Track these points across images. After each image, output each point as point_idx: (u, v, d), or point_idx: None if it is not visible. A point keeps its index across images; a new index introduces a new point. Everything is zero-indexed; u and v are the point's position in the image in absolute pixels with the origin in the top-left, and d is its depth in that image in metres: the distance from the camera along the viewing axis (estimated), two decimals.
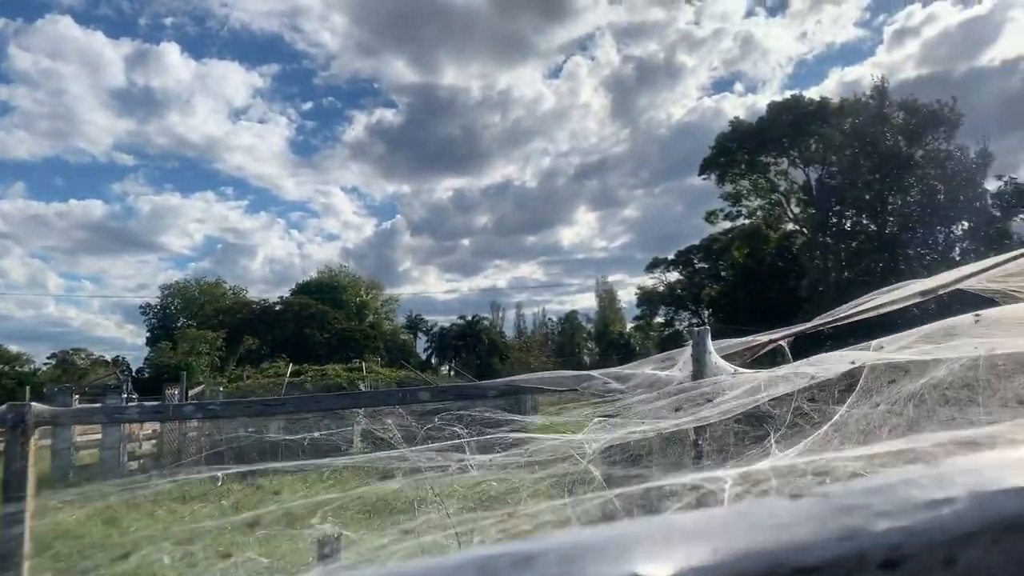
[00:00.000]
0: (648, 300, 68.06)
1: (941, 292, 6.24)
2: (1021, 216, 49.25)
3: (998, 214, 46.41)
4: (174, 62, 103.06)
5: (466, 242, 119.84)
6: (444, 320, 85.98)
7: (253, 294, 74.99)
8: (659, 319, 68.97)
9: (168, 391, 22.19)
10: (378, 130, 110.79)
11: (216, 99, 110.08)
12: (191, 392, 25.56)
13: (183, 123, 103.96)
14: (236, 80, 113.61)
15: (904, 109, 44.55)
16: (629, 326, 76.07)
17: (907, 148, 43.66)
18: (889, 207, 44.86)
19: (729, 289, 57.97)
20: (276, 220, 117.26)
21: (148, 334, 67.17)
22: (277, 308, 66.14)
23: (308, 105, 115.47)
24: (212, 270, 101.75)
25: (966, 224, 44.53)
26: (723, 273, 61.50)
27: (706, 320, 59.88)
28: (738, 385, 3.19)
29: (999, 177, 48.56)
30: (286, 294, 72.21)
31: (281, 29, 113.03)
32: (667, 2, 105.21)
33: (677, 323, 65.69)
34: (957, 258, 39.88)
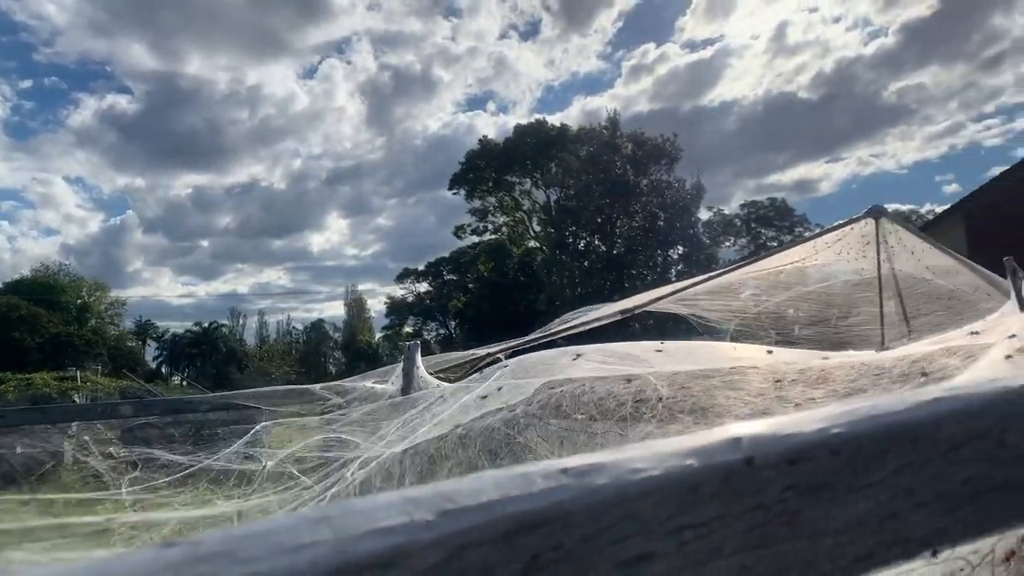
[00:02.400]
0: (397, 310, 68.49)
1: (638, 311, 6.89)
2: (727, 244, 56.04)
3: (708, 241, 52.39)
4: None
5: (205, 243, 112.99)
6: (178, 326, 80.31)
7: None
8: (408, 329, 69.56)
9: None
10: (110, 117, 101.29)
11: None
12: None
13: None
14: None
15: (633, 141, 48.87)
16: (378, 335, 75.86)
17: (634, 177, 47.91)
18: (617, 230, 48.90)
19: (475, 301, 59.81)
20: None
21: None
22: None
23: (27, 83, 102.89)
24: None
25: (681, 249, 49.70)
26: (470, 285, 63.35)
27: (452, 331, 61.33)
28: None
29: (710, 208, 54.97)
30: None
31: None
32: (425, 15, 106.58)
33: (425, 333, 66.67)
34: (672, 279, 44.30)
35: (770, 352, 1.93)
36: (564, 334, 6.73)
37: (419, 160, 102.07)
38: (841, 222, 5.68)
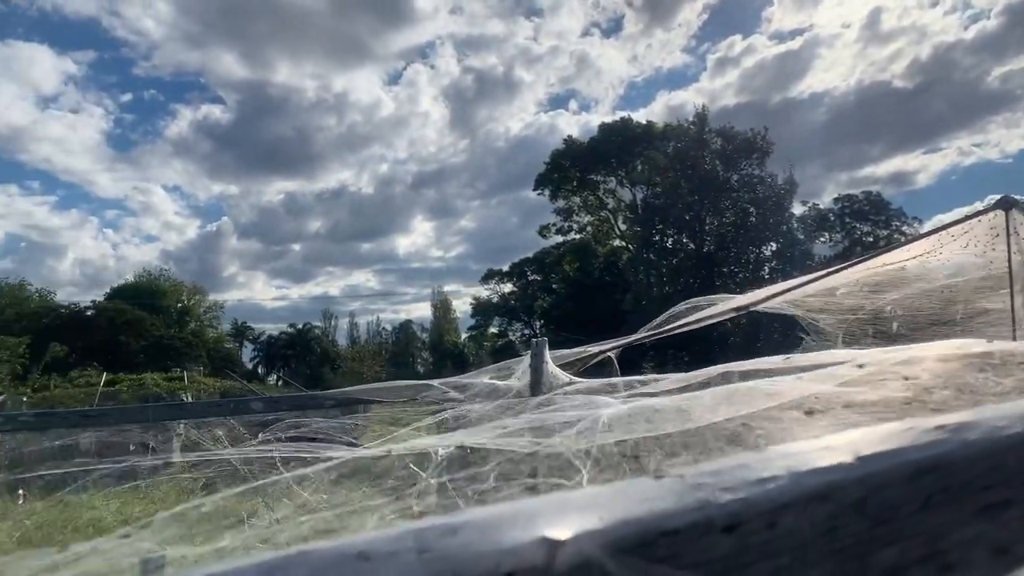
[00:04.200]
0: (482, 311, 69.14)
1: (751, 309, 6.85)
2: (821, 239, 54.37)
3: (802, 236, 50.99)
4: None
5: (297, 247, 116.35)
6: (273, 328, 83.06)
7: (62, 297, 69.24)
8: (493, 329, 70.19)
9: None
10: (204, 127, 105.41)
11: (21, 84, 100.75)
12: None
13: None
14: (45, 65, 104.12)
15: (722, 136, 47.99)
16: (464, 336, 76.76)
17: (723, 172, 47.07)
18: (706, 227, 48.14)
19: (560, 301, 59.84)
20: (88, 218, 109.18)
21: None
22: (89, 313, 61.37)
23: (127, 96, 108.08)
24: (14, 270, 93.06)
25: (774, 245, 48.56)
26: (554, 286, 63.41)
27: (538, 331, 61.49)
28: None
29: (803, 202, 53.45)
30: (99, 298, 67.09)
31: (99, 13, 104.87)
32: (506, 16, 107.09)
33: (510, 333, 67.06)
34: (766, 276, 43.37)
35: (990, 341, 1.96)
36: (674, 332, 6.76)
37: (501, 161, 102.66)
38: (968, 215, 5.55)
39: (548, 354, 4.45)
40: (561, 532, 0.49)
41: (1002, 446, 0.65)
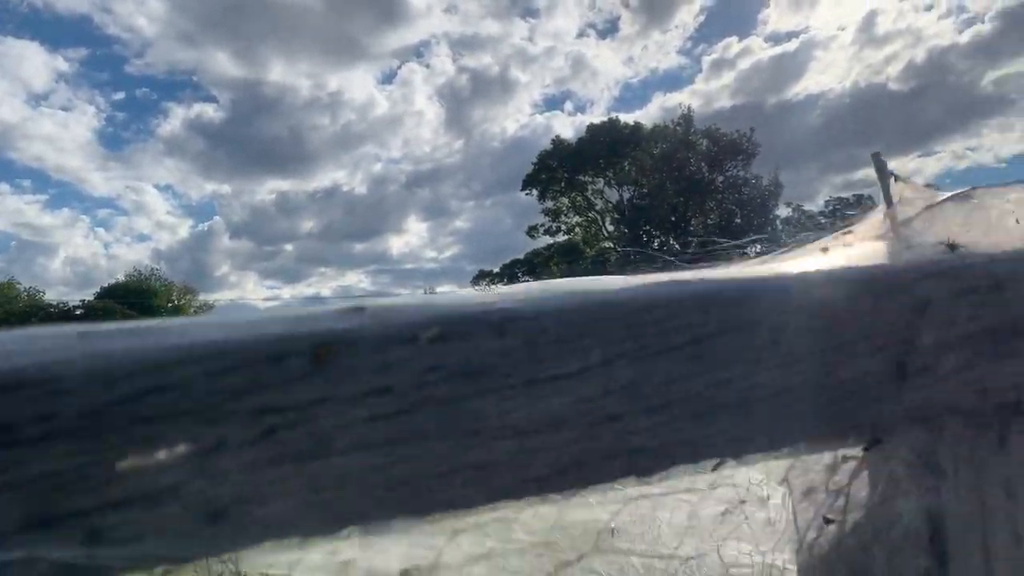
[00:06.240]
0: None
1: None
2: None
3: (786, 239, 50.92)
4: None
5: (289, 247, 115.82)
6: None
7: (52, 296, 68.99)
8: None
9: None
10: (197, 125, 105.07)
11: (12, 81, 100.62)
12: None
13: None
14: (36, 62, 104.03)
15: (707, 137, 47.95)
16: None
17: (709, 174, 47.01)
18: (691, 228, 48.05)
19: None
20: (80, 217, 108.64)
21: None
22: (78, 312, 61.10)
23: (119, 95, 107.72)
24: (4, 269, 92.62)
25: (759, 247, 48.47)
26: None
27: None
28: None
29: (788, 204, 53.45)
30: (90, 297, 66.80)
31: (91, 10, 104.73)
32: (501, 16, 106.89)
33: None
34: None
35: None
36: None
37: (496, 162, 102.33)
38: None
39: None
40: None
41: (170, 359, 0.43)
